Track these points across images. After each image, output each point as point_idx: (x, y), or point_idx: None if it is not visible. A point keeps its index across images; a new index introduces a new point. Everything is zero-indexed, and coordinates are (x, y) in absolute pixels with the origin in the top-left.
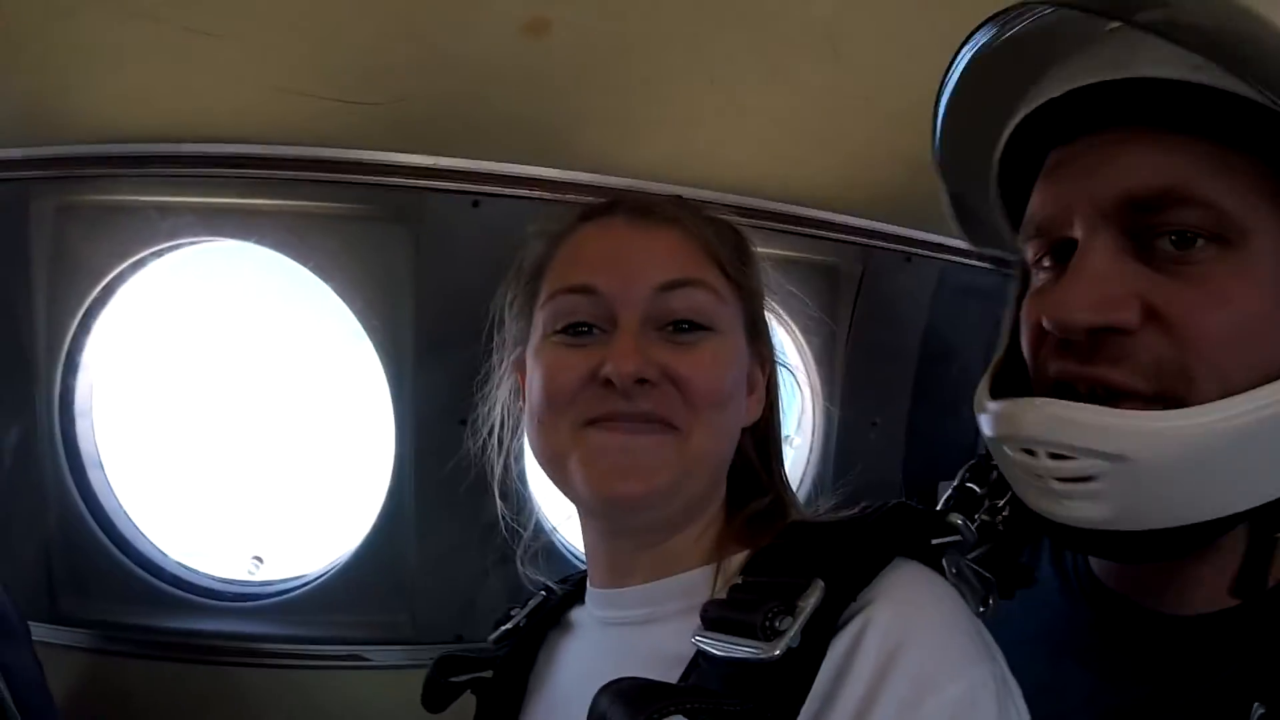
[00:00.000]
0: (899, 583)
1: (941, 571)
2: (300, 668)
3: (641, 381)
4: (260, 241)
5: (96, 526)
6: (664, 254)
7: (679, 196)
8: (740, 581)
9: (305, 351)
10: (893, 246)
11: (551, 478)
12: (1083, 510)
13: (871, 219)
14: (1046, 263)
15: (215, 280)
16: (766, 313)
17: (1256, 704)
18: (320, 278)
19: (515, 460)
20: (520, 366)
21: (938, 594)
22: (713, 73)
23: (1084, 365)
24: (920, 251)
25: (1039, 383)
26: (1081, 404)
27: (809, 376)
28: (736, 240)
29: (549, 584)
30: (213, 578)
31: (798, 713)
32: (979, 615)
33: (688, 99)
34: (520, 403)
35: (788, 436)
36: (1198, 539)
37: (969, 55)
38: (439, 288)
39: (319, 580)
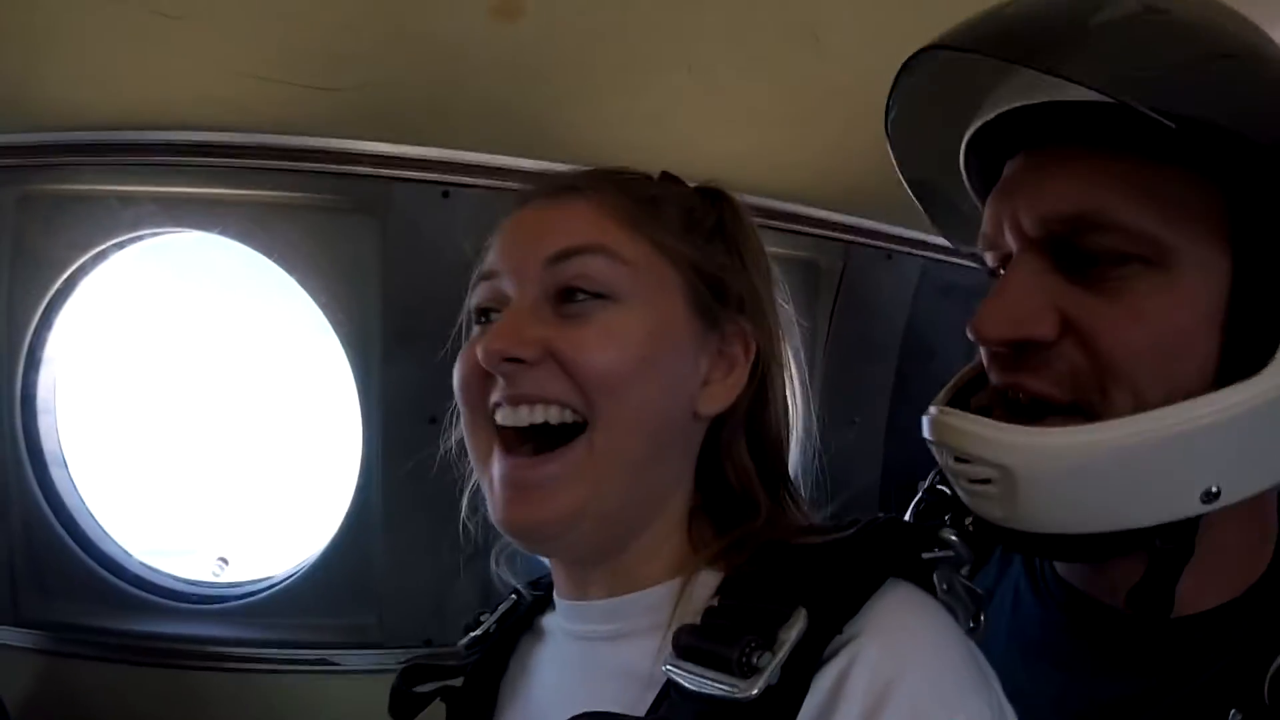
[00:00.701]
0: (888, 610)
1: (931, 588)
2: (266, 672)
3: (515, 361)
4: (223, 232)
5: (59, 526)
6: (561, 225)
7: (602, 169)
8: (716, 604)
9: (271, 346)
10: (873, 243)
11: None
12: (987, 508)
13: (852, 214)
14: (1001, 271)
15: (179, 273)
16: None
17: (1234, 710)
18: (284, 270)
19: None
20: None
21: (930, 621)
22: (690, 61)
23: (1007, 374)
24: (901, 248)
25: (991, 389)
26: (974, 416)
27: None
28: (701, 208)
29: (519, 588)
30: (177, 579)
31: None
32: (970, 632)
33: (664, 88)
34: None
35: None
36: (1104, 547)
37: (904, 87)
38: (407, 281)
39: (285, 582)
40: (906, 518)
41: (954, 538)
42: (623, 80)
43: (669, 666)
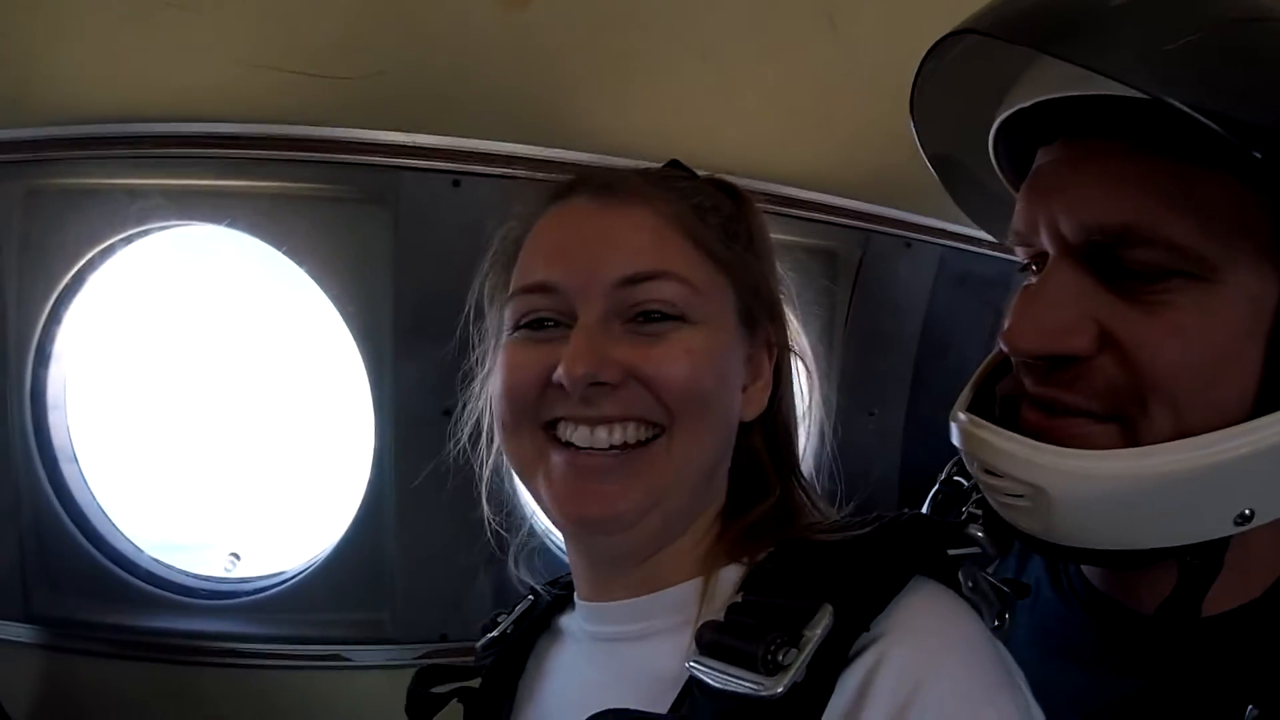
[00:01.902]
0: (916, 610)
1: (956, 585)
2: (278, 668)
3: (600, 384)
4: (232, 225)
5: (70, 522)
6: (628, 240)
7: (651, 169)
8: (740, 600)
9: (282, 340)
10: (892, 231)
11: (526, 487)
12: (1021, 520)
13: (870, 202)
14: (1034, 267)
15: (189, 267)
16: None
17: (1250, 706)
18: (295, 262)
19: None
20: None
21: (958, 621)
22: (705, 48)
23: (1041, 386)
24: (920, 237)
25: (1017, 379)
26: (1007, 432)
27: (805, 364)
28: (730, 209)
29: (536, 587)
30: (188, 575)
31: None
32: (995, 630)
33: (679, 74)
34: None
35: None
36: (1134, 560)
37: (930, 69)
38: (419, 271)
39: (297, 577)
40: (924, 509)
41: (980, 534)
42: (636, 67)
43: (693, 664)
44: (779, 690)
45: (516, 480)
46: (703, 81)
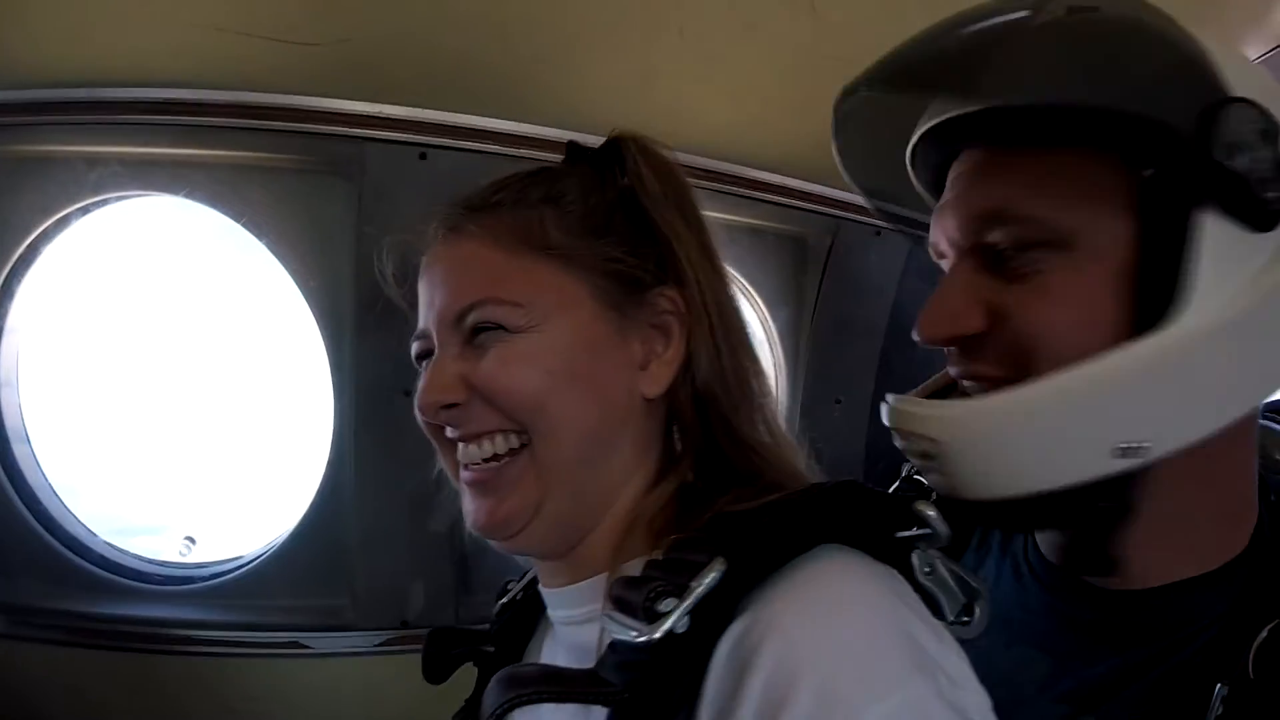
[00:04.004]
0: (818, 574)
1: (907, 568)
2: (236, 655)
3: (451, 407)
4: (191, 195)
5: (21, 504)
6: (453, 279)
7: (512, 176)
8: (657, 558)
9: (240, 316)
10: (863, 219)
11: None
12: (936, 480)
13: (842, 189)
14: None
15: (145, 240)
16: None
17: (1220, 684)
18: (254, 234)
19: None
20: None
21: (864, 589)
22: (683, 25)
23: (961, 366)
24: (891, 226)
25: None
26: (911, 398)
27: (773, 351)
28: (589, 189)
29: None
30: (143, 559)
31: (681, 704)
32: (961, 625)
33: (654, 51)
34: None
35: None
36: (1045, 513)
37: (850, 102)
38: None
39: (255, 562)
40: None
41: (931, 513)
42: (610, 41)
43: (605, 616)
44: (655, 637)
45: None
46: (679, 59)
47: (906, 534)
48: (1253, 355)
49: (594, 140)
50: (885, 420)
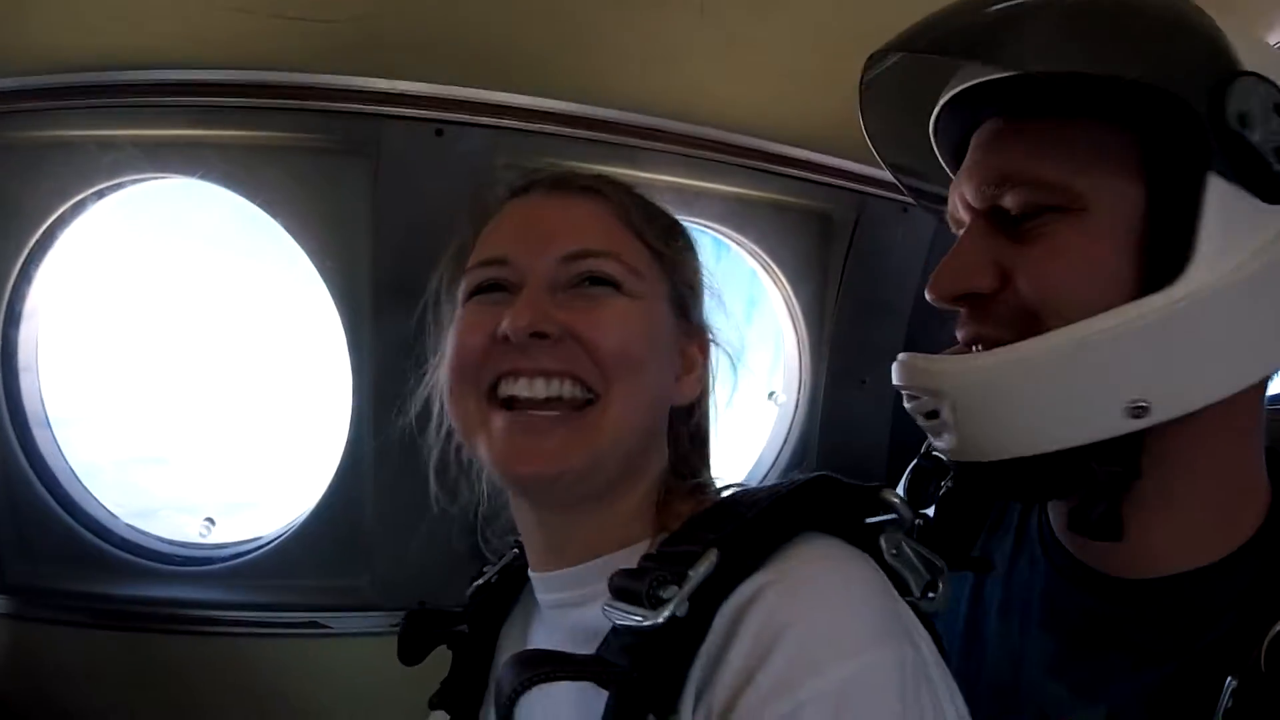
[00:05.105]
0: (799, 556)
1: (876, 551)
2: (255, 635)
3: (540, 336)
4: (207, 177)
5: (42, 488)
6: (576, 223)
7: (603, 175)
8: (652, 552)
9: (257, 296)
10: (889, 195)
11: (470, 453)
12: (943, 443)
13: (867, 164)
14: None
15: (162, 222)
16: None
17: (1230, 678)
18: (271, 215)
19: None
20: None
21: (841, 569)
22: (703, 1)
23: (969, 328)
24: (917, 202)
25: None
26: (918, 354)
27: (796, 330)
28: (666, 221)
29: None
30: (163, 540)
31: (682, 679)
32: (927, 601)
33: (674, 26)
34: None
35: (772, 393)
36: (1054, 477)
37: (875, 72)
38: (399, 225)
39: (275, 543)
40: (903, 482)
41: (896, 499)
42: (630, 17)
43: (605, 606)
44: (659, 621)
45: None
46: (700, 34)
47: (875, 520)
48: (1260, 323)
49: (612, 115)
50: (895, 379)
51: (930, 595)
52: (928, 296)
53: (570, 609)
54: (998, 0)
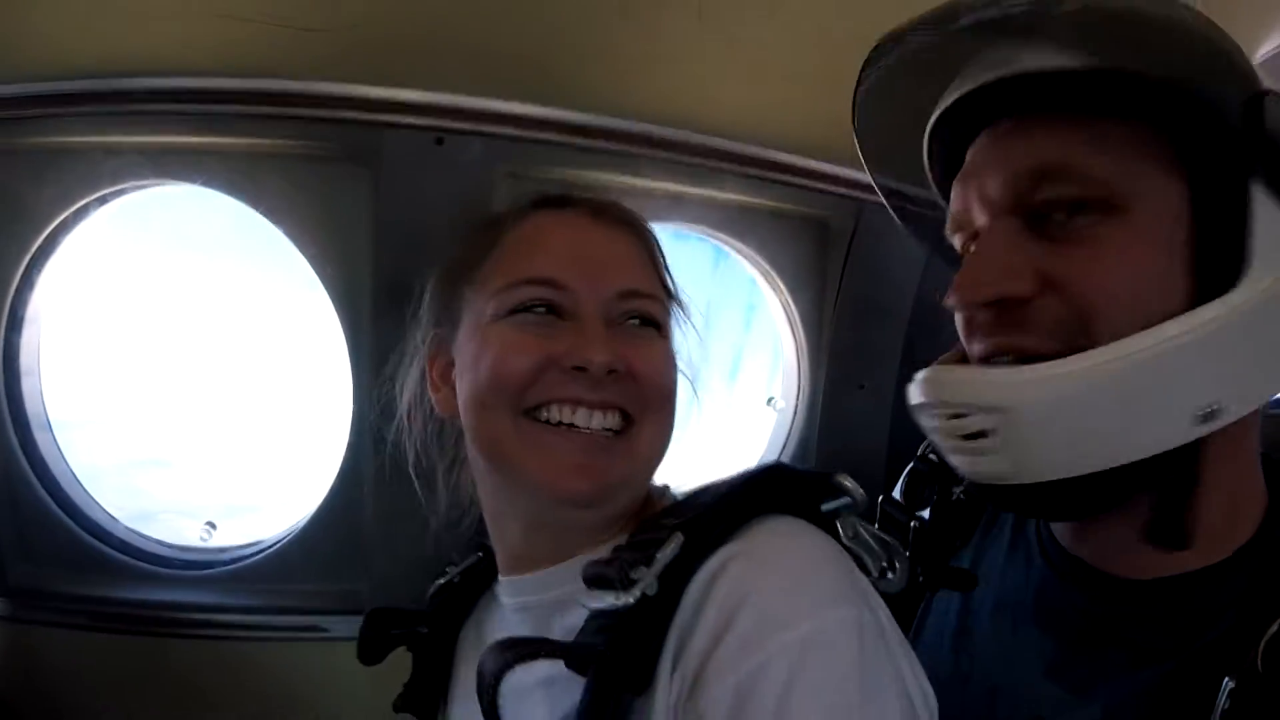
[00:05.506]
0: (760, 532)
1: (834, 534)
2: (255, 639)
3: (611, 372)
4: (208, 183)
5: (44, 492)
6: (625, 258)
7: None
8: (622, 543)
9: (258, 301)
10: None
11: (490, 464)
12: (987, 465)
13: (865, 171)
14: (971, 249)
15: (164, 228)
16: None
17: (1227, 679)
18: (272, 221)
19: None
20: (437, 347)
21: (800, 540)
22: (701, 4)
23: (994, 338)
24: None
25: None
26: (964, 366)
27: (795, 336)
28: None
29: (486, 543)
30: (164, 544)
31: (657, 652)
32: (885, 581)
33: (673, 31)
34: (429, 386)
35: (771, 399)
36: (1106, 493)
37: (873, 76)
38: (399, 232)
39: (275, 547)
40: (899, 485)
41: (848, 484)
42: (628, 23)
43: (580, 596)
44: (631, 600)
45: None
46: (698, 40)
47: (831, 504)
48: None
49: (612, 124)
50: (920, 395)
51: (890, 576)
52: (950, 302)
53: (537, 610)
54: None
